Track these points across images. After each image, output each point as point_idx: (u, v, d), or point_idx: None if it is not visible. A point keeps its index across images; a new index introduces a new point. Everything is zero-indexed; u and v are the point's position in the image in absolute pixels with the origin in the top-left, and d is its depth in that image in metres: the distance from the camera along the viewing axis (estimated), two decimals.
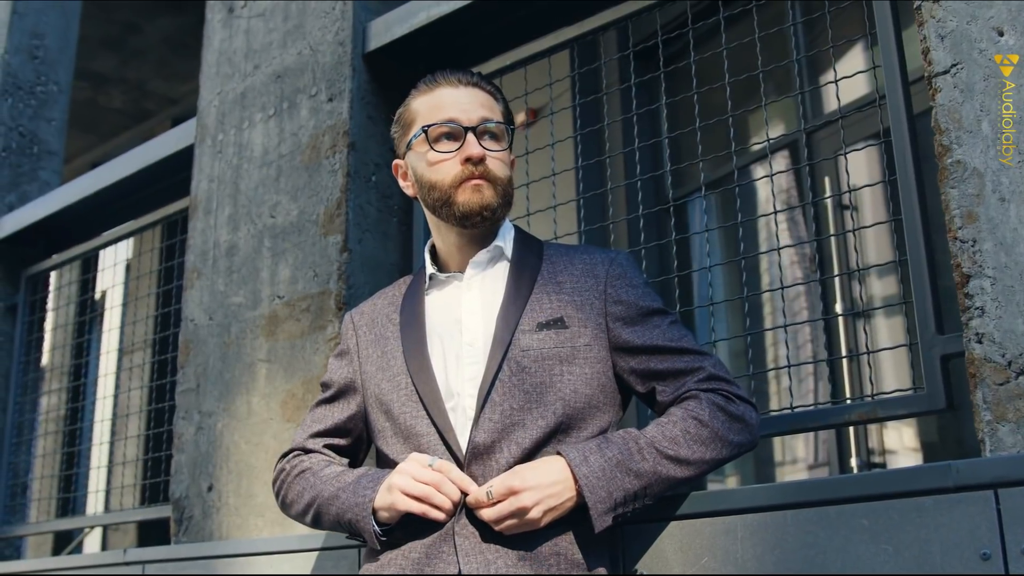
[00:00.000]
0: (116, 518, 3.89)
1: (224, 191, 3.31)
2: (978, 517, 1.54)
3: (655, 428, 1.71)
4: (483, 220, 1.84)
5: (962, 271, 1.77)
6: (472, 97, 1.86)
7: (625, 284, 1.84)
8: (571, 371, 1.76)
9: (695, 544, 1.82)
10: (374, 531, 1.72)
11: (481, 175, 1.82)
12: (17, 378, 4.36)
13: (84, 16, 7.27)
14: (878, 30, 2.11)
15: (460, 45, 3.09)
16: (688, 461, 1.68)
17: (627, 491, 1.65)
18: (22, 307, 4.44)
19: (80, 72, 8.08)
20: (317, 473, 1.86)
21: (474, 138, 1.83)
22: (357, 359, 1.94)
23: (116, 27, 7.53)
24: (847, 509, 1.67)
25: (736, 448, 1.73)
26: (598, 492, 1.63)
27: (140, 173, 3.95)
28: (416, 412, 1.79)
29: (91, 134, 8.80)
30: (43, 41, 4.90)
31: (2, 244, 4.48)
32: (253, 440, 2.95)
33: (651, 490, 1.67)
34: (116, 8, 7.28)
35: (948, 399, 1.89)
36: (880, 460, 4.21)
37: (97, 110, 8.70)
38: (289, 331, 2.94)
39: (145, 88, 8.05)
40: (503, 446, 1.71)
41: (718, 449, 1.70)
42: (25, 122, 4.74)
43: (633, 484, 1.65)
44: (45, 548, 7.71)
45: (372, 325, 1.96)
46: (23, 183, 4.66)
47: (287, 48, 3.25)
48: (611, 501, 1.64)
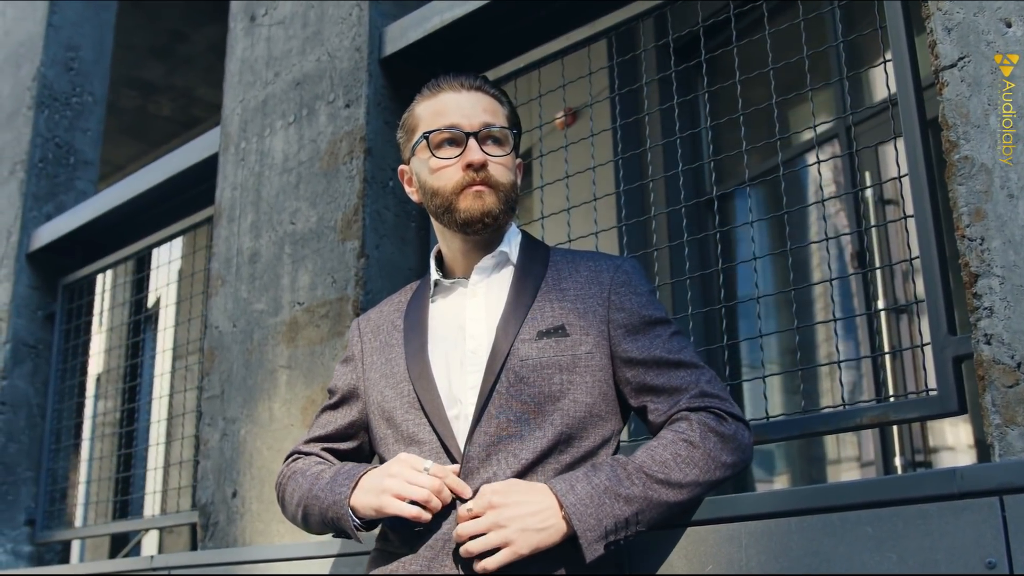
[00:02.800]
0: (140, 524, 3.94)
1: (247, 198, 3.33)
2: (983, 525, 1.49)
3: (644, 452, 1.67)
4: (484, 227, 1.82)
5: (970, 270, 1.72)
6: (475, 102, 1.84)
7: (629, 291, 1.81)
8: (571, 380, 1.73)
9: (700, 551, 1.79)
10: (352, 526, 1.72)
11: (482, 181, 1.79)
12: (55, 385, 4.43)
13: (131, 25, 7.40)
14: (888, 25, 2.07)
15: (477, 47, 3.08)
16: (680, 484, 1.63)
17: (617, 518, 1.60)
18: (60, 315, 4.52)
19: (129, 81, 8.23)
20: (305, 473, 1.87)
21: (475, 144, 1.81)
22: (361, 365, 1.93)
23: (163, 36, 7.64)
24: (851, 516, 1.63)
25: (729, 469, 1.68)
26: (587, 520, 1.58)
27: (169, 181, 3.99)
28: (418, 420, 1.78)
29: (141, 142, 8.94)
30: (78, 53, 4.98)
31: (40, 253, 4.56)
32: (275, 446, 2.97)
33: (643, 516, 1.62)
34: (163, 17, 7.39)
35: (961, 402, 1.84)
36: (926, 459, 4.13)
37: (147, 118, 8.84)
38: (309, 337, 2.95)
39: (193, 95, 8.16)
40: (500, 459, 1.69)
41: (711, 471, 1.66)
42: (61, 133, 4.82)
43: (623, 510, 1.60)
44: (103, 550, 7.84)
45: (377, 332, 1.95)
46: (59, 193, 4.73)
47: (306, 55, 3.26)
48: (601, 529, 1.58)
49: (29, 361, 4.45)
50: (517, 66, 2.83)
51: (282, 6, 3.43)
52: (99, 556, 7.91)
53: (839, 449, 4.60)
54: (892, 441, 4.19)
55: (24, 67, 4.96)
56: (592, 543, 1.58)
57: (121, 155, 8.98)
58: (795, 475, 4.69)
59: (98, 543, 7.99)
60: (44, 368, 4.47)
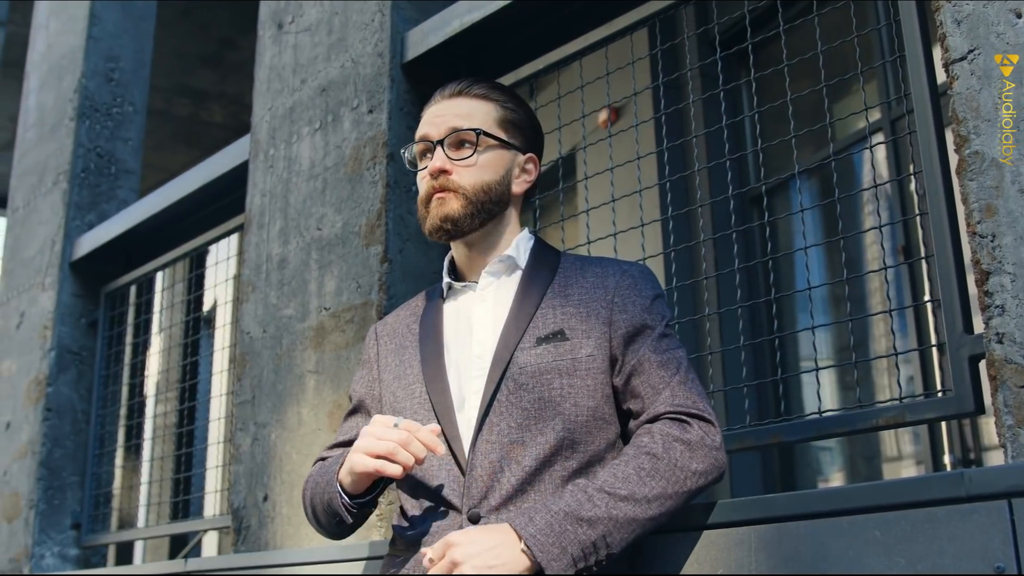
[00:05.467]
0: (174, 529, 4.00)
1: (275, 205, 3.37)
2: (991, 529, 1.46)
3: (607, 471, 1.62)
4: (447, 233, 1.82)
5: (981, 267, 1.68)
6: (449, 108, 1.84)
7: (633, 294, 1.79)
8: (572, 384, 1.72)
9: (710, 556, 1.77)
10: (341, 503, 1.71)
11: (442, 187, 1.80)
12: (99, 391, 4.51)
13: (182, 34, 7.53)
14: (902, 19, 2.03)
15: (499, 49, 3.08)
16: (647, 498, 1.58)
17: (583, 543, 1.53)
18: (103, 322, 4.60)
19: (181, 89, 8.37)
20: (316, 474, 1.88)
21: (440, 151, 1.81)
22: (376, 368, 1.94)
23: (213, 44, 7.75)
24: (859, 520, 1.60)
25: (701, 477, 1.63)
26: (549, 550, 1.51)
27: (204, 188, 4.04)
28: (427, 420, 1.78)
29: (195, 149, 9.07)
30: (118, 64, 5.06)
31: (82, 262, 4.64)
32: (304, 451, 2.99)
33: (612, 538, 1.55)
34: (212, 25, 7.50)
35: (977, 402, 1.80)
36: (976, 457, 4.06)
37: (199, 125, 8.97)
38: (335, 342, 2.97)
39: (244, 102, 8.26)
40: (503, 466, 1.68)
41: (679, 481, 1.61)
42: (102, 143, 4.90)
43: (588, 534, 1.54)
44: (162, 551, 7.98)
45: (393, 335, 1.96)
46: (101, 202, 4.82)
47: (331, 61, 3.29)
48: (567, 557, 1.52)
49: (73, 368, 4.53)
50: (535, 68, 2.82)
51: (308, 13, 3.46)
52: (159, 557, 8.06)
53: (898, 446, 4.54)
54: (941, 438, 4.13)
55: (66, 79, 5.06)
56: (560, 572, 1.51)
57: (176, 162, 9.11)
58: (851, 473, 4.63)
59: (158, 544, 8.14)
60: (88, 374, 4.56)
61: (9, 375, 4.80)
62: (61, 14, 5.35)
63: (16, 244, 5.14)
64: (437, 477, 1.73)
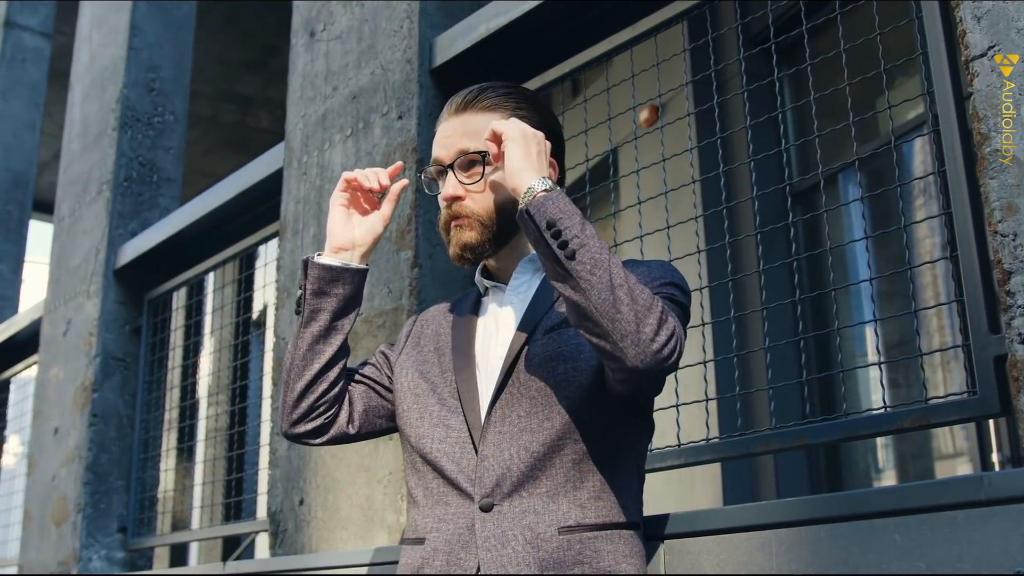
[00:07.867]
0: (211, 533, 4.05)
1: (309, 212, 3.40)
2: (1011, 533, 1.44)
3: None
4: (468, 260, 1.83)
5: (1003, 267, 1.66)
6: (458, 127, 1.82)
7: (646, 279, 1.78)
8: (576, 367, 1.73)
9: (731, 559, 1.77)
10: (301, 288, 1.83)
11: (456, 215, 1.80)
12: (142, 396, 4.58)
13: (227, 41, 7.62)
14: (924, 11, 2.00)
15: (527, 52, 3.08)
16: (619, 285, 1.54)
17: (568, 226, 1.56)
18: (146, 328, 4.67)
19: (228, 95, 8.48)
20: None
21: (452, 176, 1.80)
22: (403, 344, 1.97)
23: (257, 50, 7.85)
24: (879, 524, 1.59)
25: (620, 320, 1.53)
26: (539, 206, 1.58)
27: (241, 195, 4.10)
28: (454, 407, 1.80)
29: (241, 154, 9.21)
30: (159, 74, 5.14)
31: (126, 269, 4.72)
32: (338, 455, 3.02)
33: (583, 254, 1.55)
34: (257, 31, 7.59)
35: (1003, 403, 1.77)
36: None
37: (246, 131, 9.09)
38: (367, 347, 2.99)
39: None
40: (512, 454, 1.70)
41: (638, 308, 1.53)
42: (144, 152, 4.99)
43: (572, 225, 1.56)
44: (216, 552, 8.08)
45: (428, 323, 1.99)
46: (144, 210, 4.90)
47: (361, 68, 3.32)
48: (544, 220, 1.56)
49: (118, 374, 4.61)
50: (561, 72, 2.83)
51: (339, 21, 3.49)
52: (213, 558, 8.17)
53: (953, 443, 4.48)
54: (989, 436, 4.07)
55: (108, 90, 5.15)
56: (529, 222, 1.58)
57: (225, 168, 9.25)
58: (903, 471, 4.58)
59: (212, 545, 8.25)
60: (132, 380, 4.64)
61: (56, 381, 4.90)
62: (103, 26, 5.45)
63: (62, 252, 5.24)
64: (450, 467, 1.75)
